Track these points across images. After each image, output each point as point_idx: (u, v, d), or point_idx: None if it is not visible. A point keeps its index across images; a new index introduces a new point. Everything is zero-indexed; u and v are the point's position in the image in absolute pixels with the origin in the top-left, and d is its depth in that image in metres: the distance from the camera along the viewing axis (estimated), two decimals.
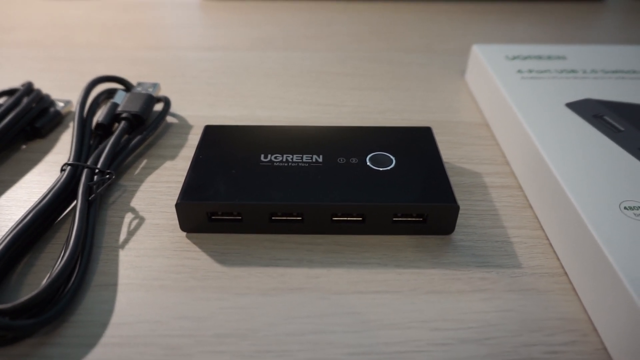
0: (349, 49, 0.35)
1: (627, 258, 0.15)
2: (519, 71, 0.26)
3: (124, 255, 0.19)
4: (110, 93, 0.26)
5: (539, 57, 0.28)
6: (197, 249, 0.19)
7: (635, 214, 0.17)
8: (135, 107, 0.24)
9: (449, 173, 0.21)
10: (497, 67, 0.27)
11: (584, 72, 0.26)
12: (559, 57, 0.28)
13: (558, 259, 0.19)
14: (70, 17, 0.40)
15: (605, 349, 0.15)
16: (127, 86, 0.27)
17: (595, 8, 0.44)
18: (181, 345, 0.15)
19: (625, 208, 0.17)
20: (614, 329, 0.15)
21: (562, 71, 0.26)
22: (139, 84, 0.26)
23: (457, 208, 0.19)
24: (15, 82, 0.30)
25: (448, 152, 0.24)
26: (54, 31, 0.37)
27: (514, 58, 0.28)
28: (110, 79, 0.26)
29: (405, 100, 0.29)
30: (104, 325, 0.16)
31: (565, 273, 0.18)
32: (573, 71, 0.26)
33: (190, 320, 0.16)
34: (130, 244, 0.19)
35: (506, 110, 0.24)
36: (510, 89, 0.25)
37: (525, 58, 0.28)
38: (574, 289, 0.17)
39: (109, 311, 0.16)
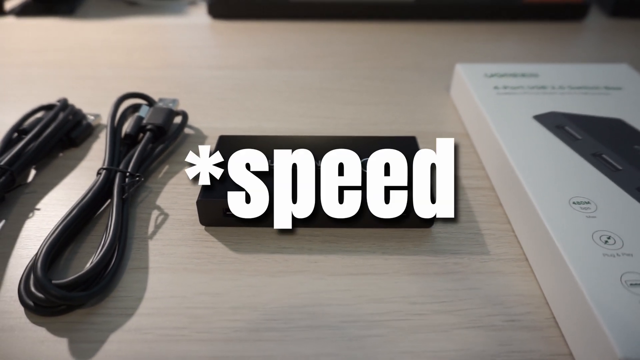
0: (346, 67, 0.39)
1: (571, 243, 0.19)
2: (495, 87, 0.30)
3: (152, 245, 0.22)
4: (135, 108, 0.29)
5: (514, 75, 0.31)
6: (214, 239, 0.22)
7: (581, 207, 0.20)
8: (158, 120, 0.28)
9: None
10: (476, 83, 0.30)
11: (553, 88, 0.30)
12: (532, 75, 0.31)
13: (521, 247, 0.22)
14: (93, 39, 0.44)
15: (553, 317, 0.19)
16: (150, 101, 0.30)
17: (574, 27, 0.47)
18: (203, 315, 0.19)
19: (573, 203, 0.20)
20: (561, 301, 0.18)
21: (533, 87, 0.30)
22: (161, 100, 0.30)
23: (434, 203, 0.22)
24: (48, 98, 0.33)
25: None
26: (80, 52, 0.41)
27: (492, 75, 0.31)
28: (135, 96, 0.30)
29: (396, 113, 0.32)
30: (138, 299, 0.19)
31: (526, 258, 0.21)
32: (543, 87, 0.30)
33: (209, 296, 0.19)
34: (158, 236, 0.22)
35: (482, 121, 0.27)
36: (486, 103, 0.28)
37: (502, 75, 0.31)
38: (532, 272, 0.21)
39: (142, 288, 0.20)
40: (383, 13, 0.48)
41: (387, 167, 0.24)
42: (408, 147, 0.25)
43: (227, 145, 0.26)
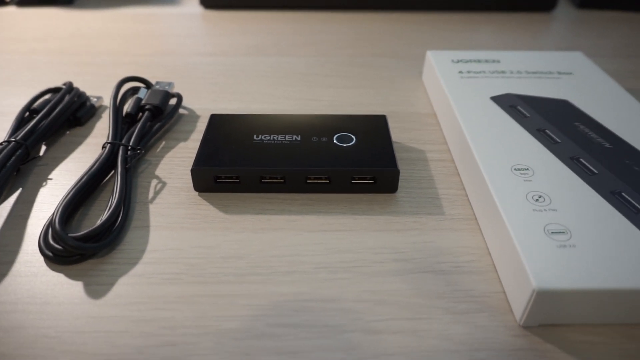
0: (329, 54, 0.42)
1: (508, 201, 0.22)
2: (460, 72, 0.33)
3: (153, 208, 0.25)
4: (134, 90, 0.32)
5: (478, 61, 0.34)
6: (207, 203, 0.25)
7: (520, 173, 0.24)
8: (155, 100, 0.31)
9: (400, 150, 0.28)
10: (443, 69, 0.33)
11: (511, 72, 0.33)
12: (494, 61, 0.35)
13: (472, 208, 0.25)
14: (92, 27, 0.47)
15: (493, 264, 0.22)
16: (148, 84, 0.33)
17: (544, 18, 0.51)
18: (197, 263, 0.22)
19: (514, 169, 0.24)
20: (497, 249, 0.22)
21: (494, 72, 0.33)
22: (157, 83, 0.33)
23: (398, 172, 0.25)
24: (54, 83, 0.36)
25: (401, 135, 0.31)
26: (80, 40, 0.44)
27: (458, 61, 0.34)
28: (134, 79, 0.33)
29: (372, 96, 0.35)
30: (142, 251, 0.23)
31: (475, 218, 0.25)
32: (503, 72, 0.33)
33: (203, 248, 0.23)
34: (157, 200, 0.26)
35: (446, 102, 0.31)
36: (450, 86, 0.31)
37: (467, 61, 0.34)
38: (479, 228, 0.24)
39: (145, 243, 0.23)
40: (364, 4, 0.51)
41: (357, 140, 0.27)
42: (378, 124, 0.29)
43: (218, 123, 0.29)
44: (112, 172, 0.27)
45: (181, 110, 0.33)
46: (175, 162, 0.29)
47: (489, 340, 0.19)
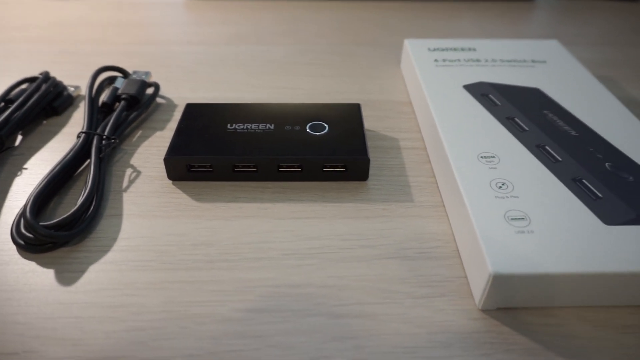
0: (309, 42, 0.42)
1: (471, 188, 0.22)
2: (435, 60, 0.33)
3: (126, 196, 0.25)
4: (111, 80, 0.33)
5: (454, 49, 0.35)
6: (180, 191, 0.26)
7: (486, 160, 0.24)
8: (132, 90, 0.31)
9: (374, 139, 0.28)
10: (419, 57, 0.34)
11: (486, 61, 0.33)
12: (470, 49, 0.35)
13: (440, 196, 0.26)
14: (73, 16, 0.46)
15: (457, 250, 0.23)
16: (125, 74, 0.33)
17: (526, 6, 0.51)
18: (167, 250, 0.22)
19: (481, 157, 0.24)
20: (461, 235, 0.22)
21: (469, 60, 0.33)
22: (134, 72, 0.33)
23: (368, 160, 0.26)
24: (32, 72, 0.36)
25: (376, 124, 0.31)
26: (60, 29, 0.43)
27: (435, 50, 0.35)
28: (111, 69, 0.33)
29: (349, 84, 0.36)
30: (114, 239, 0.23)
31: (443, 205, 0.25)
32: (478, 60, 0.33)
33: (174, 236, 0.23)
34: (131, 189, 0.26)
35: (420, 90, 0.31)
36: (425, 74, 0.32)
37: (443, 50, 0.35)
38: (446, 215, 0.25)
39: (117, 231, 0.23)
40: None
41: (330, 129, 0.27)
42: (352, 112, 0.29)
43: (193, 112, 0.29)
44: (88, 161, 0.27)
45: (159, 100, 0.34)
46: (151, 151, 0.29)
47: (447, 323, 0.20)
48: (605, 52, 0.42)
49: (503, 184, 0.23)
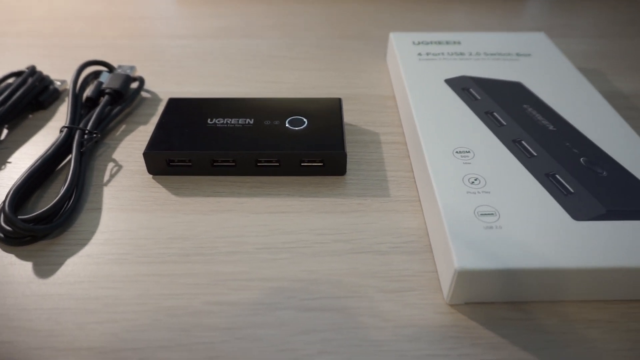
0: (298, 36, 0.42)
1: (444, 183, 0.23)
2: (419, 54, 0.33)
3: (107, 190, 0.26)
4: (97, 74, 0.33)
5: (439, 42, 0.35)
6: (159, 185, 0.26)
7: (461, 156, 0.24)
8: (116, 85, 0.31)
9: (355, 133, 0.29)
10: (403, 51, 0.34)
11: (470, 54, 0.33)
12: (455, 42, 0.35)
13: (417, 190, 0.26)
14: (64, 9, 0.47)
15: (430, 245, 0.23)
16: (110, 68, 0.34)
17: None
18: (144, 244, 0.23)
19: (456, 152, 0.24)
20: (433, 230, 0.22)
21: (453, 54, 0.33)
22: (119, 67, 0.33)
23: (345, 155, 0.26)
24: (21, 66, 0.37)
25: (358, 118, 0.31)
26: (50, 23, 0.44)
27: (419, 43, 0.35)
28: (96, 63, 0.33)
29: (335, 78, 0.36)
30: (92, 232, 0.23)
31: (419, 200, 0.25)
32: (462, 54, 0.33)
33: (151, 230, 0.24)
34: (112, 183, 0.26)
35: (402, 84, 0.31)
36: (407, 68, 0.32)
37: (428, 43, 0.35)
38: (422, 210, 0.25)
39: (96, 224, 0.24)
40: None
41: (309, 123, 0.27)
42: (333, 107, 0.29)
43: (175, 106, 0.29)
44: (70, 156, 0.28)
45: (144, 94, 0.34)
46: (134, 145, 0.29)
47: (415, 317, 0.20)
48: (595, 44, 0.41)
49: (476, 179, 0.23)
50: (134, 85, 0.33)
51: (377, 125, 0.31)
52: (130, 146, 0.29)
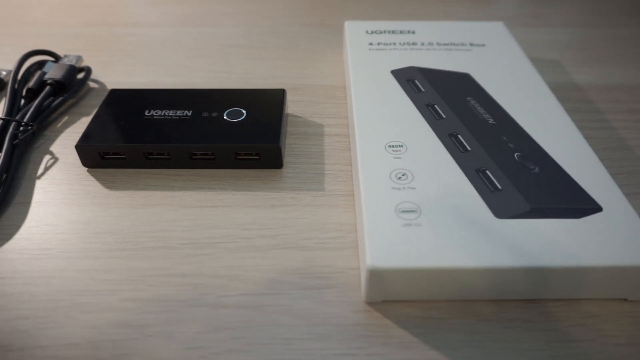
0: (255, 24, 0.41)
1: (370, 179, 0.22)
2: (370, 43, 0.33)
3: (39, 183, 0.26)
4: (42, 64, 0.32)
5: (393, 32, 0.34)
6: (93, 179, 0.26)
7: (393, 150, 0.24)
8: (58, 75, 0.31)
9: (299, 125, 0.28)
10: (354, 40, 0.33)
11: (423, 44, 0.33)
12: (409, 32, 0.34)
13: (352, 185, 0.26)
14: None
15: (356, 240, 0.23)
16: (56, 58, 0.33)
17: None
18: (68, 239, 0.23)
19: (388, 146, 0.24)
20: (358, 228, 0.22)
21: (405, 44, 0.33)
22: (65, 56, 0.33)
23: (279, 148, 0.25)
24: None
25: (305, 109, 0.31)
26: (4, 10, 0.43)
27: (372, 32, 0.34)
28: (40, 52, 0.33)
29: (287, 68, 0.35)
30: (18, 227, 0.23)
31: (353, 194, 0.25)
32: (414, 44, 0.33)
33: (78, 224, 0.23)
34: (45, 176, 0.26)
35: (349, 75, 0.30)
36: (355, 58, 0.31)
37: (381, 32, 0.34)
38: (353, 205, 0.24)
39: (24, 219, 0.24)
40: None
41: (248, 115, 0.27)
42: (275, 98, 0.29)
43: (116, 98, 0.29)
44: None
45: (92, 84, 0.33)
46: (74, 137, 0.29)
47: (330, 316, 0.20)
48: (561, 33, 0.40)
49: (403, 175, 0.22)
50: (81, 75, 0.33)
51: (323, 117, 0.30)
52: (70, 138, 0.29)
